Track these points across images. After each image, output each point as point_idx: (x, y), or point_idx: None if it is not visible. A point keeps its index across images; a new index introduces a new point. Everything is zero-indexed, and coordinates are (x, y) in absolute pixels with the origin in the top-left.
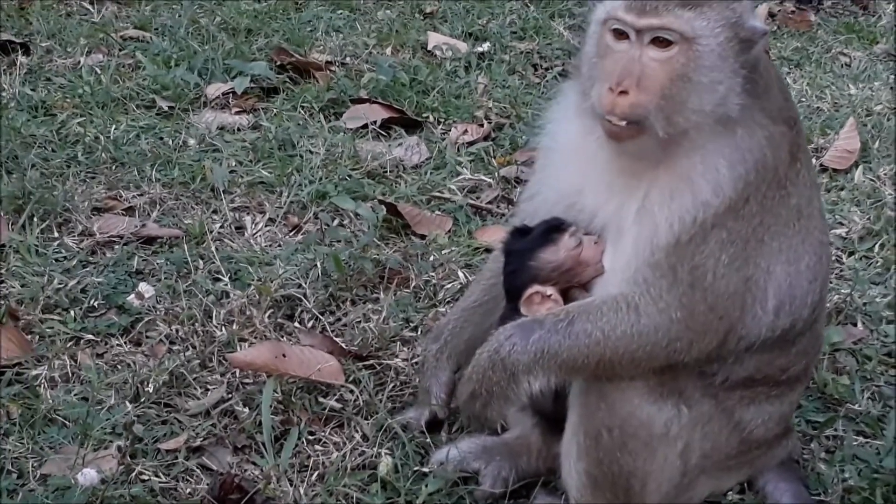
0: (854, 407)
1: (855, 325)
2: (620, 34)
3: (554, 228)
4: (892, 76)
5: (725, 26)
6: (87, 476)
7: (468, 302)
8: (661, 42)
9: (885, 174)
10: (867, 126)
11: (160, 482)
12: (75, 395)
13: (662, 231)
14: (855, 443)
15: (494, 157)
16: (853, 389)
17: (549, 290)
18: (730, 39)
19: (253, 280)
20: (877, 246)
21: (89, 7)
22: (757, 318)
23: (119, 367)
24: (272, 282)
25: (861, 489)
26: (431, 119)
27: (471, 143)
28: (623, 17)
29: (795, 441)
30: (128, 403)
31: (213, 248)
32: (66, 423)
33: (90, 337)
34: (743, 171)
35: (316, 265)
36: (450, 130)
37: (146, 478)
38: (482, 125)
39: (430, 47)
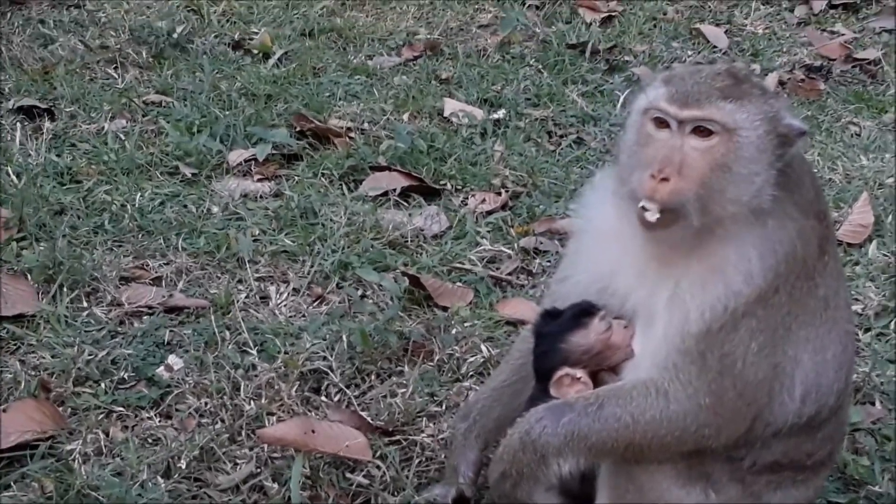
0: (875, 489)
1: (873, 404)
2: (661, 123)
3: (584, 312)
4: None
5: (764, 120)
6: None
7: (497, 381)
8: (702, 132)
9: None
10: (879, 199)
11: None
12: (109, 470)
13: (694, 319)
14: None
15: (512, 227)
16: (873, 470)
17: (579, 373)
18: (768, 133)
19: (279, 352)
20: (892, 323)
21: (112, 73)
22: (784, 405)
23: (149, 440)
24: (299, 355)
25: None
26: (449, 187)
27: (489, 213)
28: (666, 107)
29: None
30: (160, 479)
31: (239, 319)
32: (100, 499)
33: (121, 410)
34: (773, 262)
35: (342, 338)
36: (467, 198)
37: None
38: (500, 193)
39: (446, 113)
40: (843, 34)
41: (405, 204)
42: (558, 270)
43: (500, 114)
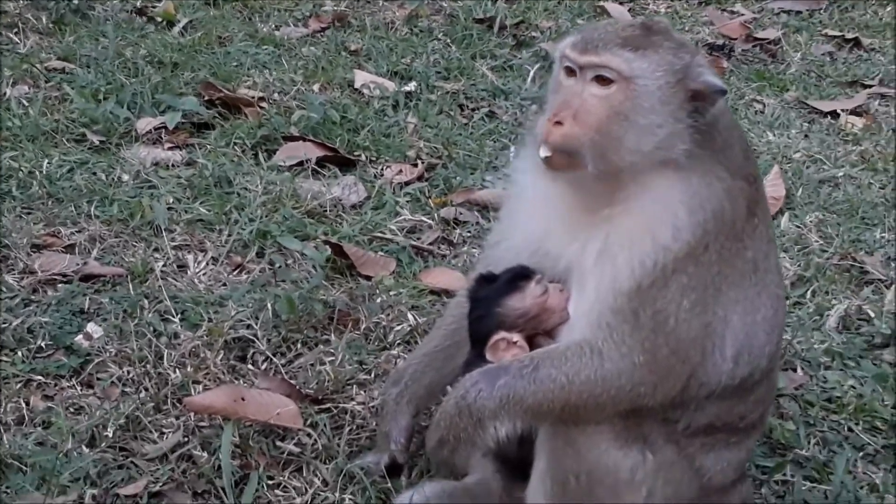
0: (801, 453)
1: (795, 370)
2: (570, 71)
3: (520, 276)
4: (807, 124)
5: (669, 72)
6: None
7: (429, 347)
8: (602, 80)
9: (810, 221)
10: (788, 173)
11: None
12: (32, 439)
13: (624, 275)
14: (804, 487)
15: (430, 198)
16: (798, 435)
17: (515, 337)
18: (672, 85)
19: (201, 320)
20: (809, 292)
21: (13, 37)
22: (717, 365)
23: (72, 409)
24: (223, 323)
25: None
26: (364, 158)
27: (406, 184)
28: (569, 53)
29: (749, 487)
30: (85, 448)
31: (159, 287)
32: (23, 468)
33: (40, 378)
34: (702, 217)
35: (266, 306)
36: (383, 169)
37: None
38: (415, 165)
39: (357, 85)
40: (742, 14)
41: (321, 174)
42: (491, 235)
43: (412, 86)
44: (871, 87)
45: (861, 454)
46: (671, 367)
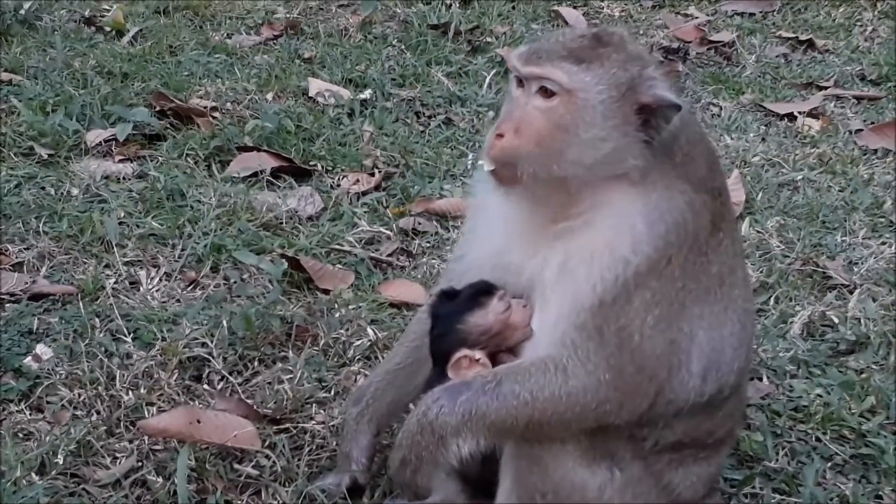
0: (770, 464)
1: (761, 379)
2: (519, 82)
3: (482, 292)
4: (764, 127)
5: (613, 85)
6: None
7: (391, 364)
8: (545, 92)
9: (771, 226)
10: (747, 177)
11: None
12: None
13: (585, 291)
14: (773, 500)
15: (388, 208)
16: (766, 446)
17: (478, 355)
18: (617, 99)
19: (155, 339)
20: (772, 299)
21: None
22: (684, 381)
23: (21, 435)
24: (177, 342)
25: None
26: (320, 168)
27: (364, 193)
28: (515, 63)
29: (719, 501)
30: (34, 476)
31: (110, 305)
32: None
33: None
34: (662, 229)
35: (222, 323)
36: (339, 179)
37: None
38: (372, 174)
39: (311, 93)
40: (696, 17)
41: (276, 185)
42: (455, 249)
43: (367, 94)
44: (826, 88)
45: (830, 464)
46: (637, 384)
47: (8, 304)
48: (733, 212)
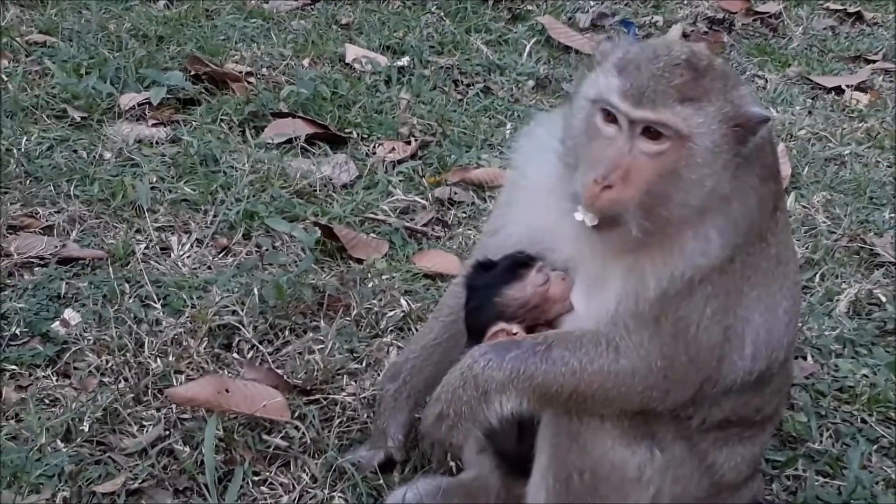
0: (813, 446)
1: (805, 358)
2: (611, 116)
3: (520, 263)
4: (810, 100)
5: (723, 121)
6: None
7: (427, 339)
8: (652, 133)
9: (817, 201)
10: (793, 151)
11: None
12: (4, 434)
13: (649, 285)
14: (817, 482)
15: (424, 177)
16: (809, 427)
17: (515, 328)
18: (725, 134)
19: (185, 306)
20: (817, 276)
21: None
22: (734, 365)
23: (47, 401)
24: (207, 309)
25: None
26: (355, 135)
27: (399, 162)
28: (618, 104)
29: (760, 483)
30: (60, 443)
31: (140, 271)
32: None
33: (14, 368)
34: (733, 236)
35: (253, 291)
36: (375, 147)
37: None
38: (409, 143)
39: (348, 60)
40: None
41: (311, 152)
42: (489, 221)
43: (405, 61)
44: (874, 62)
45: (875, 447)
46: (687, 374)
47: (37, 268)
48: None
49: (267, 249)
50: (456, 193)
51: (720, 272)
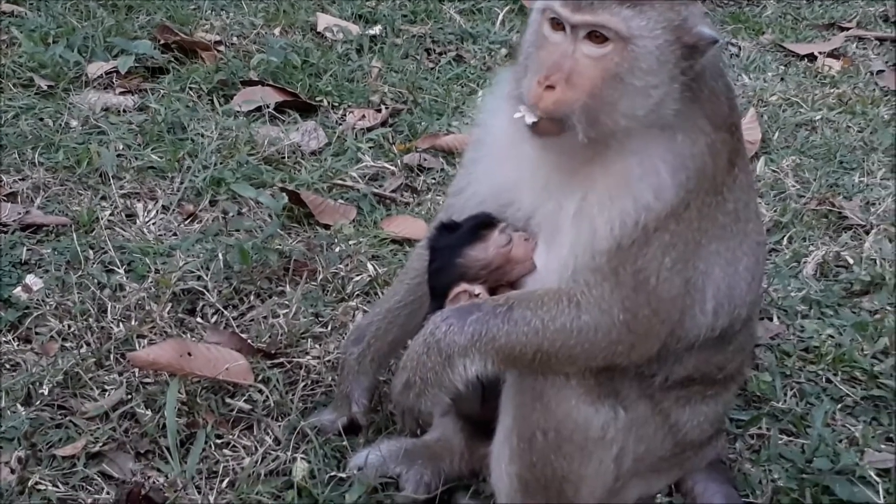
0: (778, 405)
1: (771, 319)
2: (557, 24)
3: (483, 224)
4: (783, 67)
5: (667, 29)
6: None
7: (392, 302)
8: (596, 37)
9: (787, 165)
10: (764, 117)
11: (58, 492)
12: None
13: (602, 235)
14: (780, 441)
15: (394, 144)
16: (774, 386)
17: (478, 289)
18: (671, 43)
19: (149, 272)
20: (785, 239)
21: None
22: (696, 319)
23: (7, 365)
24: (171, 274)
25: (790, 490)
26: (325, 103)
27: (369, 129)
28: (559, 10)
29: (723, 441)
30: (20, 406)
31: (104, 238)
32: None
33: None
34: (684, 177)
35: (217, 256)
36: (345, 115)
37: (42, 487)
38: (379, 110)
39: (319, 28)
40: None
41: (281, 119)
42: (454, 182)
43: (377, 30)
44: (848, 29)
45: (839, 406)
46: (651, 326)
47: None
48: (745, 146)
49: (233, 215)
50: (426, 160)
51: (676, 219)
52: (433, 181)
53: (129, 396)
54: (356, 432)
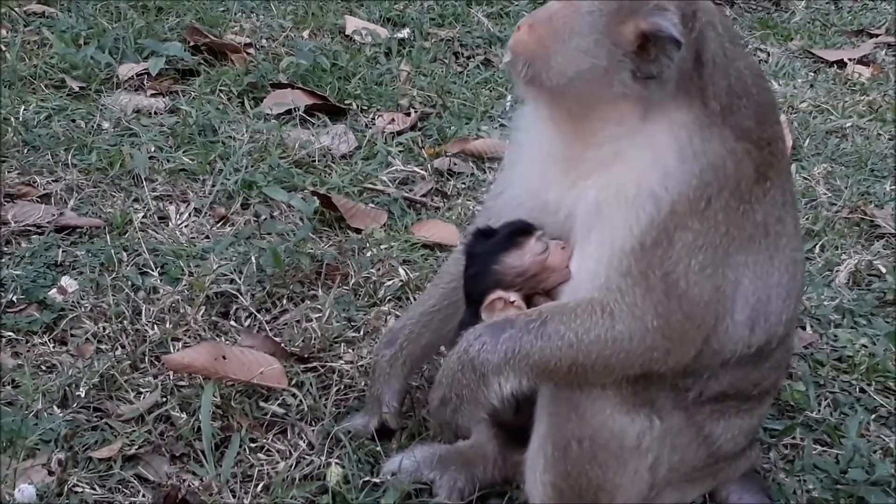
0: (811, 415)
1: (804, 328)
2: None
3: (519, 231)
4: (812, 74)
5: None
6: (26, 492)
7: (426, 306)
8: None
9: (818, 173)
10: (794, 124)
11: (95, 495)
12: (1, 399)
13: (623, 234)
14: (814, 451)
15: (423, 148)
16: (808, 396)
17: (513, 297)
18: (610, 15)
19: (182, 274)
20: (817, 247)
21: None
22: (730, 331)
23: (44, 367)
24: (205, 277)
25: (825, 501)
26: (354, 106)
27: (399, 133)
28: None
29: (757, 452)
30: (56, 408)
31: (138, 239)
32: None
33: (10, 335)
34: (696, 168)
35: (250, 259)
36: (374, 118)
37: (80, 489)
38: (408, 114)
39: (348, 31)
40: None
41: (310, 123)
42: (494, 185)
43: (405, 33)
44: (877, 35)
45: (873, 416)
46: (685, 331)
47: (34, 236)
48: (787, 163)
49: (265, 218)
50: (455, 164)
51: (699, 218)
52: (463, 186)
53: (164, 399)
54: (389, 437)
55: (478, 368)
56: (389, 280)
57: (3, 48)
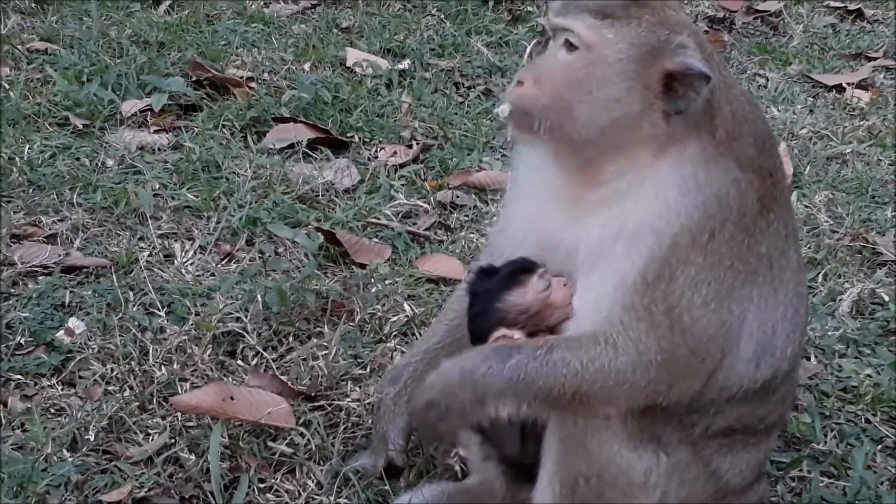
0: (818, 447)
1: (809, 359)
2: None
3: (522, 269)
4: (811, 99)
5: (637, 46)
6: None
7: (430, 343)
8: (570, 45)
9: (819, 201)
10: (794, 150)
11: None
12: (10, 444)
13: (625, 268)
14: (822, 483)
15: (426, 180)
16: (814, 428)
17: (517, 334)
18: (638, 61)
19: (189, 314)
20: (820, 276)
21: None
22: (736, 365)
23: (52, 410)
24: (211, 316)
25: None
26: (357, 139)
27: (401, 166)
28: (549, 14)
29: (765, 485)
30: (66, 452)
31: (144, 279)
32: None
33: (19, 378)
34: (699, 200)
35: (256, 298)
36: (377, 151)
37: None
38: (410, 146)
39: (349, 63)
40: None
41: (313, 157)
42: (497, 221)
43: (406, 64)
44: (875, 59)
45: (879, 447)
46: (690, 365)
47: (40, 277)
48: (788, 195)
49: (270, 256)
50: (458, 197)
51: (701, 252)
52: (466, 218)
53: (173, 441)
54: (397, 475)
55: (479, 389)
56: (395, 316)
57: (7, 86)
